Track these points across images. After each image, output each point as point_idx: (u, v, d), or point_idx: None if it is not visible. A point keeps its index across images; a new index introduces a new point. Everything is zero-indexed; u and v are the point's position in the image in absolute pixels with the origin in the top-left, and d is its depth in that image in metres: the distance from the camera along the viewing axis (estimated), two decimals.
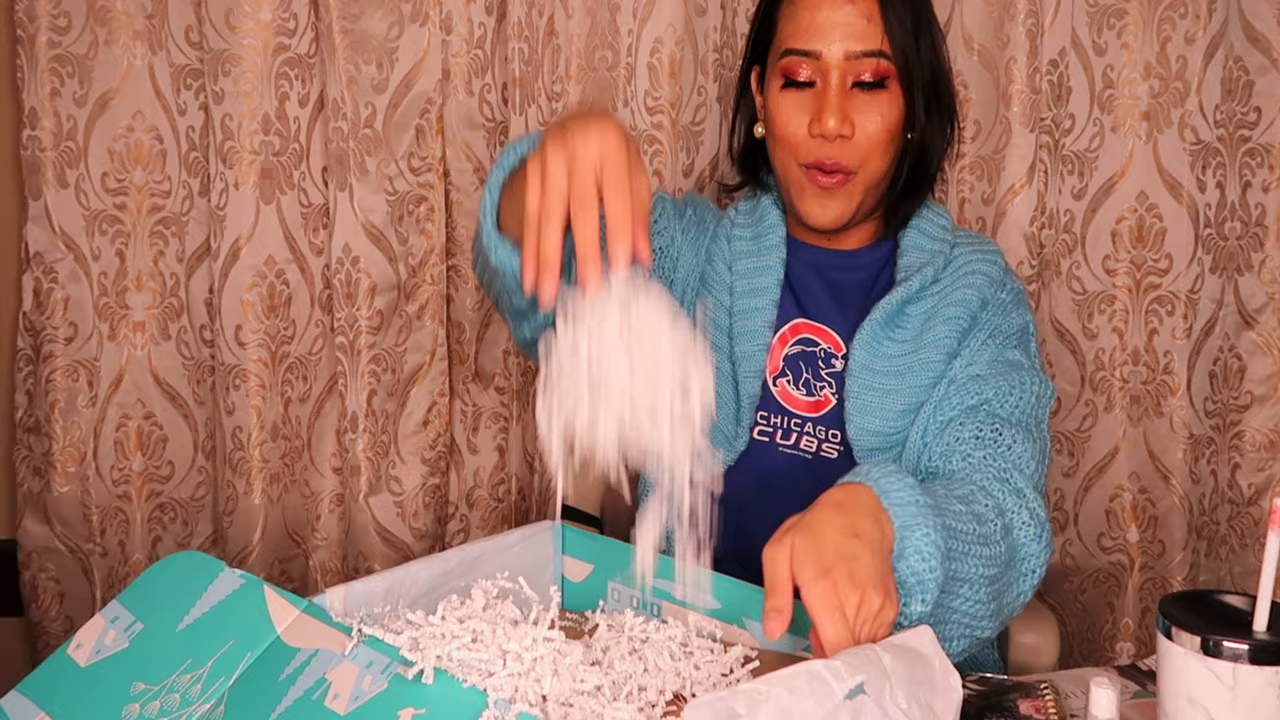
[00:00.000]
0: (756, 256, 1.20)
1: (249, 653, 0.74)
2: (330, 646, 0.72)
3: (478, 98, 1.50)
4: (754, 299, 1.18)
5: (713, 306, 1.19)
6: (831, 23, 1.10)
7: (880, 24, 1.10)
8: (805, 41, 1.11)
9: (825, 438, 1.15)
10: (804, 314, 1.19)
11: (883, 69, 1.10)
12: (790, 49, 1.12)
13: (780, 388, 1.17)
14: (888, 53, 1.10)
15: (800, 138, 1.12)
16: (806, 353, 1.18)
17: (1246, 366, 1.50)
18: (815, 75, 1.11)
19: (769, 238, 1.20)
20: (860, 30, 1.09)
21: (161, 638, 0.78)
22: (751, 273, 1.19)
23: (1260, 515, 1.49)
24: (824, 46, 1.10)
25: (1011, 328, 1.16)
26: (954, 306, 1.13)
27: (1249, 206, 1.48)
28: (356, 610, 0.83)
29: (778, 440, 1.16)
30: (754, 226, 1.22)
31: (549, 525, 0.98)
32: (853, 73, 1.10)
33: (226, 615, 0.78)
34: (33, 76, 1.43)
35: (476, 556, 0.89)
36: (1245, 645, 0.66)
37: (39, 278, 1.48)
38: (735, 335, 1.17)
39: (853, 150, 1.11)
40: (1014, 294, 1.19)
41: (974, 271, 1.16)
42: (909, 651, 0.71)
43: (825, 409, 1.15)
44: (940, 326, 1.13)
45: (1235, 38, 1.46)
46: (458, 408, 1.58)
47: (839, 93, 1.10)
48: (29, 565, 1.52)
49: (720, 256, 1.22)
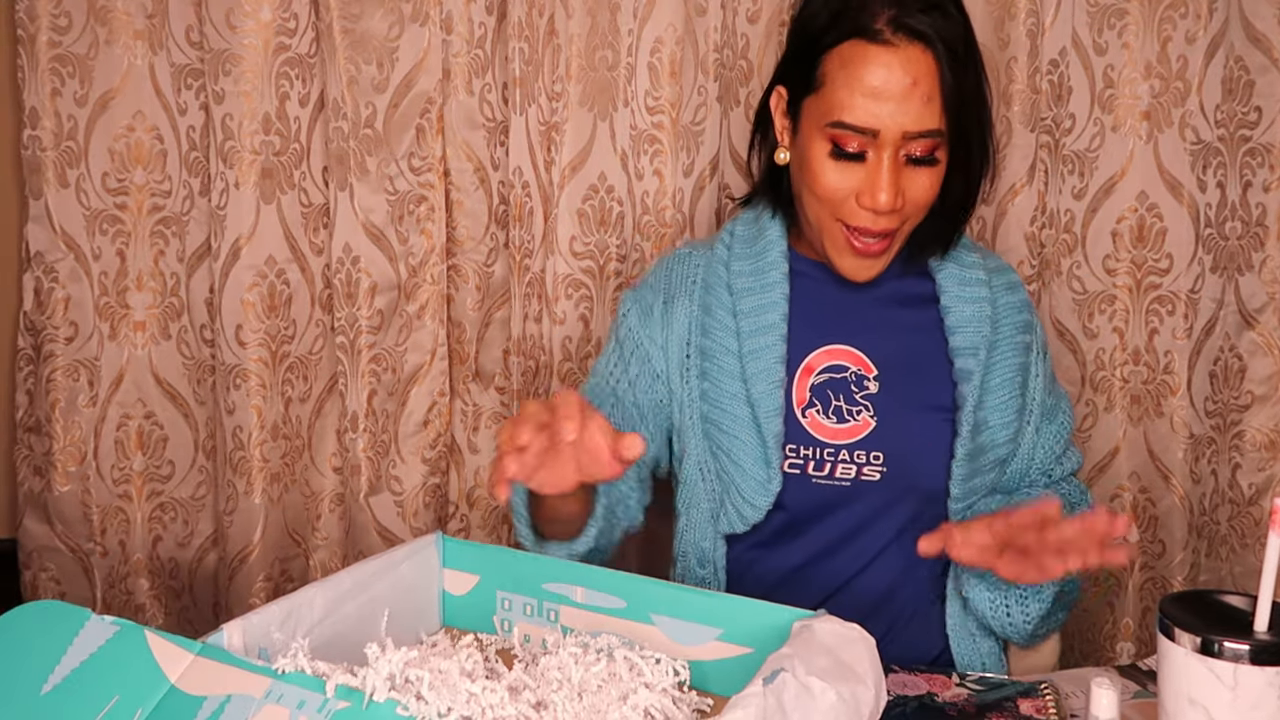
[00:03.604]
0: (760, 293, 1.15)
1: (140, 708, 0.64)
2: (245, 690, 0.63)
3: (478, 97, 1.50)
4: (761, 337, 1.13)
5: (721, 355, 1.14)
6: (893, 105, 1.03)
7: (939, 102, 1.04)
8: (863, 119, 1.04)
9: (866, 461, 1.12)
10: (825, 341, 1.15)
11: (937, 146, 1.06)
12: (844, 123, 1.05)
13: (810, 419, 1.13)
14: (944, 131, 1.05)
15: (846, 204, 1.07)
16: (835, 380, 1.14)
17: (1247, 366, 1.50)
18: (867, 148, 1.05)
19: (771, 274, 1.15)
20: (920, 112, 1.03)
21: (22, 703, 0.67)
22: (756, 310, 1.14)
23: (1260, 515, 1.49)
24: (882, 126, 1.04)
25: (1041, 344, 1.22)
26: (1010, 366, 1.15)
27: (1249, 206, 1.48)
28: (257, 643, 0.75)
29: (810, 472, 1.12)
30: (755, 260, 1.17)
31: (433, 538, 0.94)
32: (906, 149, 1.05)
33: (103, 668, 0.67)
34: (33, 76, 1.43)
35: (370, 574, 0.85)
36: (1246, 645, 0.66)
37: (40, 277, 1.48)
38: (748, 377, 1.12)
39: (899, 216, 1.08)
40: (1034, 314, 1.23)
41: (1016, 317, 1.18)
42: (828, 651, 0.73)
43: (863, 433, 1.12)
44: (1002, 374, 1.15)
45: (1236, 37, 1.45)
46: (458, 407, 1.58)
47: (892, 168, 1.05)
48: (29, 565, 1.52)
49: (719, 304, 1.16)
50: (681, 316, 1.18)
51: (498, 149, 1.52)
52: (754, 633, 0.82)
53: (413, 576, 0.91)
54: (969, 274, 1.16)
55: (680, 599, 0.85)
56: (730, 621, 0.83)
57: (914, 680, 0.94)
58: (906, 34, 1.02)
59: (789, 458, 1.12)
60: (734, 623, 0.83)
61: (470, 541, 0.94)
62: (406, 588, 0.90)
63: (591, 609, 0.88)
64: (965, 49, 1.06)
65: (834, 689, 0.68)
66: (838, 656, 0.72)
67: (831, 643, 0.73)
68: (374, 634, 0.86)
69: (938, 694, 0.92)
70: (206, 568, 1.59)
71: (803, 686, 0.67)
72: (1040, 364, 1.20)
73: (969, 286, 1.15)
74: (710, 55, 1.51)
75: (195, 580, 1.59)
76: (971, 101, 1.07)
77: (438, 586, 0.94)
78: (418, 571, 0.92)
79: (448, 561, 0.94)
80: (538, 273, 1.55)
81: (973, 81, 1.07)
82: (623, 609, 0.87)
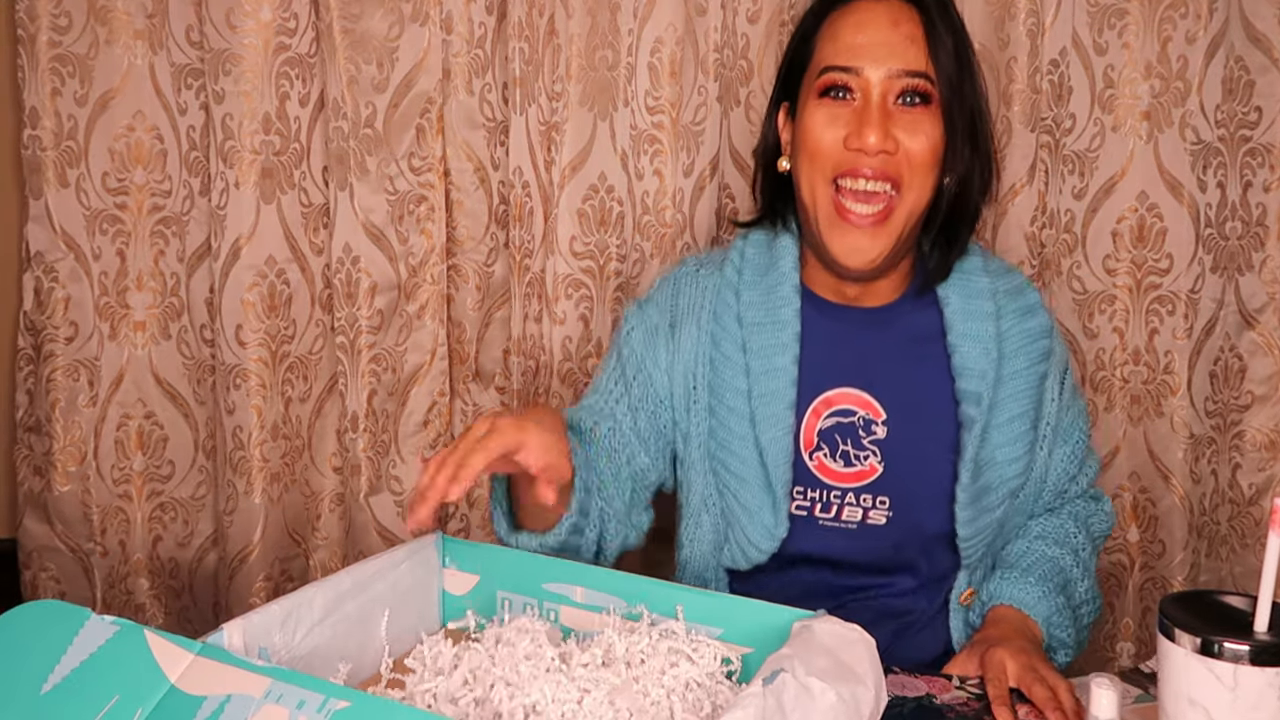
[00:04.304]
0: (771, 331, 1.12)
1: (140, 708, 0.64)
2: (245, 690, 0.63)
3: (478, 97, 1.50)
4: (771, 380, 1.10)
5: (729, 395, 1.12)
6: (876, 41, 1.05)
7: (924, 47, 1.05)
8: (847, 59, 1.06)
9: (872, 505, 1.11)
10: (835, 383, 1.12)
11: (925, 88, 1.05)
12: (830, 66, 1.07)
13: (817, 461, 1.11)
14: (931, 75, 1.05)
15: (835, 150, 1.06)
16: (843, 424, 1.11)
17: (1247, 366, 1.50)
18: (856, 90, 1.06)
19: (783, 310, 1.12)
20: (904, 50, 1.05)
21: (22, 703, 0.67)
22: (767, 350, 1.11)
23: (1261, 515, 1.49)
24: (866, 63, 1.05)
25: (1061, 364, 1.20)
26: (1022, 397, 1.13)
27: (1250, 206, 1.48)
28: (257, 643, 0.76)
29: (816, 514, 1.11)
30: (767, 293, 1.14)
31: (433, 538, 0.94)
32: (894, 90, 1.05)
33: (103, 668, 0.67)
34: (33, 76, 1.43)
35: (369, 576, 0.86)
36: (1246, 646, 0.66)
37: (40, 277, 1.48)
38: (757, 420, 1.10)
39: (895, 168, 1.05)
40: (1055, 337, 1.19)
41: (1031, 347, 1.14)
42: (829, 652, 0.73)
43: (870, 478, 1.11)
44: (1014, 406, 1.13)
45: (1236, 37, 1.45)
46: (458, 407, 1.58)
47: (880, 108, 1.05)
48: (29, 565, 1.52)
49: (729, 337, 1.13)
50: (688, 344, 1.15)
51: (498, 149, 1.52)
52: (754, 633, 0.82)
53: (413, 576, 0.91)
54: (976, 305, 1.13)
55: (680, 599, 0.85)
56: (730, 622, 0.83)
57: (913, 682, 0.94)
58: None
59: (795, 499, 1.11)
60: (734, 623, 0.83)
61: (470, 541, 0.94)
62: (406, 588, 0.90)
63: (592, 609, 0.88)
64: (948, 14, 1.08)
65: (834, 689, 0.68)
66: (837, 657, 0.72)
67: (831, 643, 0.73)
68: (374, 634, 0.86)
69: (936, 695, 0.92)
70: (206, 568, 1.59)
71: (802, 687, 0.67)
72: (1058, 387, 1.17)
73: (975, 321, 1.12)
74: (710, 55, 1.51)
75: (195, 580, 1.59)
76: (955, 57, 1.07)
77: (438, 586, 0.94)
78: (418, 571, 0.92)
79: (448, 561, 0.94)
80: (538, 273, 1.55)
81: (960, 42, 1.08)
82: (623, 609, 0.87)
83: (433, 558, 0.94)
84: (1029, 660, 0.94)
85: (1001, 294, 1.15)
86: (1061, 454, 1.18)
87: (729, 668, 0.81)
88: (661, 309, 1.18)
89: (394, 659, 0.87)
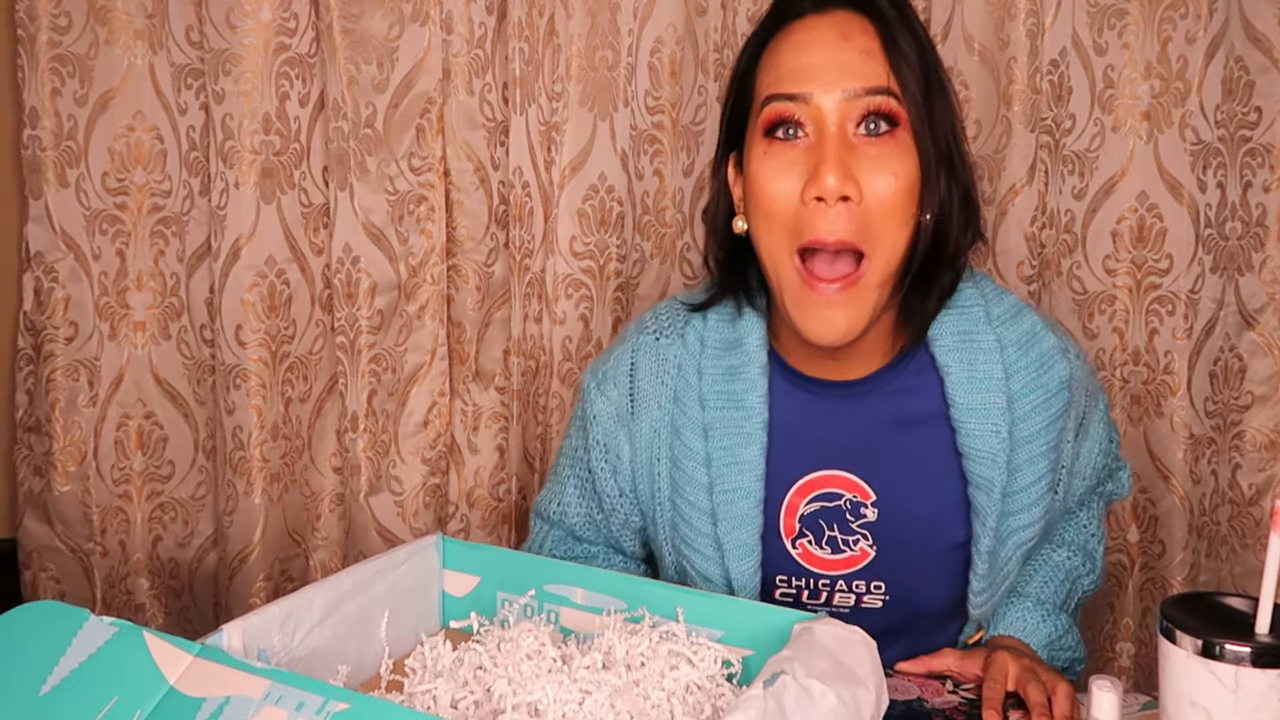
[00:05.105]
0: (736, 418, 0.98)
1: (139, 709, 0.64)
2: (244, 691, 0.62)
3: (478, 97, 1.50)
4: (736, 476, 0.97)
5: (691, 489, 0.99)
6: (824, 61, 0.88)
7: (883, 59, 0.88)
8: (792, 84, 0.88)
9: (866, 590, 1.00)
10: (814, 466, 0.99)
11: (890, 108, 0.87)
12: (772, 95, 0.89)
13: (801, 549, 0.99)
14: (895, 92, 0.87)
15: (790, 206, 0.88)
16: (828, 509, 0.99)
17: (1247, 367, 1.50)
18: (807, 123, 0.88)
19: (748, 397, 0.98)
20: (859, 67, 0.87)
21: (21, 704, 0.66)
22: (730, 440, 0.97)
23: (1261, 515, 1.49)
24: (815, 87, 0.87)
25: (1093, 414, 1.06)
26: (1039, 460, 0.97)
27: (1249, 206, 1.48)
28: (257, 644, 0.75)
29: (805, 600, 1.00)
30: (730, 377, 0.99)
31: (434, 539, 0.93)
32: (854, 116, 0.87)
33: (102, 670, 0.66)
34: (33, 76, 1.43)
35: (369, 577, 0.85)
36: (1247, 648, 0.66)
37: (39, 277, 1.47)
38: (720, 519, 0.98)
39: (861, 221, 0.87)
40: (1080, 385, 1.02)
41: (1045, 400, 0.97)
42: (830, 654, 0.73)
43: (862, 563, 0.99)
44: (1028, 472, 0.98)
45: (1236, 37, 1.45)
46: (458, 407, 1.58)
47: (838, 140, 0.87)
48: (29, 565, 1.52)
49: (690, 422, 0.99)
50: (648, 431, 1.03)
51: (498, 149, 1.52)
52: (754, 635, 0.82)
53: (413, 577, 0.91)
54: (982, 372, 0.96)
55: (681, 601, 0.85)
56: (731, 624, 0.83)
57: (905, 685, 0.94)
58: (832, 3, 0.91)
59: (780, 587, 1.01)
60: (735, 625, 0.83)
61: (471, 543, 0.94)
62: (407, 589, 0.90)
63: (592, 610, 0.88)
64: (908, 21, 0.91)
65: (834, 691, 0.68)
66: (838, 659, 0.72)
67: (832, 645, 0.73)
68: (374, 635, 0.86)
69: (928, 699, 0.92)
70: (206, 568, 1.59)
71: (803, 689, 0.67)
72: (1074, 430, 1.02)
73: (982, 392, 0.95)
74: (710, 55, 1.51)
75: (195, 580, 1.59)
76: (921, 67, 0.89)
77: (438, 587, 0.94)
78: (418, 572, 0.92)
79: (448, 563, 0.94)
80: (538, 273, 1.55)
81: (924, 53, 0.90)
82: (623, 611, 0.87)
83: (433, 559, 0.93)
84: (1030, 664, 0.92)
85: (1011, 347, 0.97)
86: (1069, 521, 1.11)
87: (729, 670, 0.81)
88: (620, 386, 1.05)
89: (394, 660, 0.87)
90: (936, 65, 0.92)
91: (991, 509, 0.95)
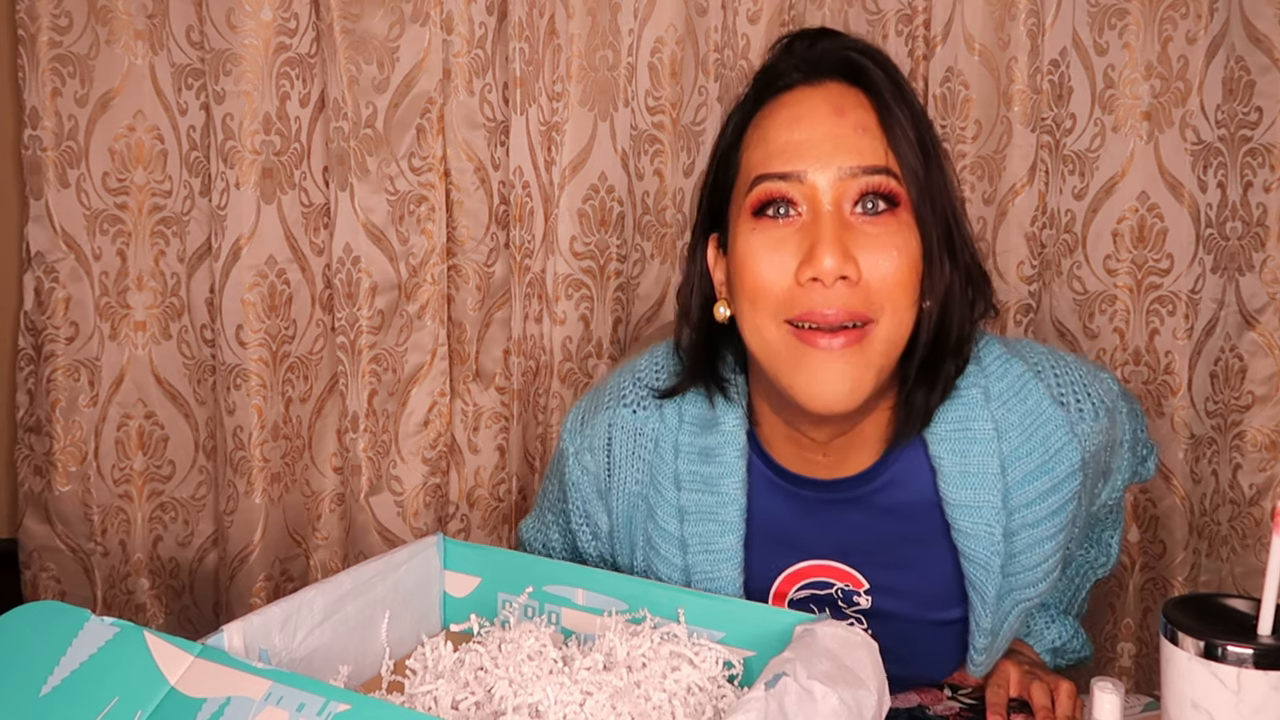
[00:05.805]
0: (712, 504, 0.92)
1: (139, 710, 0.63)
2: (245, 692, 0.62)
3: (478, 97, 1.50)
4: (713, 566, 0.92)
5: (666, 570, 0.95)
6: (818, 137, 0.82)
7: (880, 136, 0.82)
8: (783, 163, 0.82)
9: None
10: (802, 557, 0.94)
11: (889, 187, 0.81)
12: (763, 174, 0.82)
13: None
14: (894, 170, 0.81)
15: (782, 285, 0.81)
16: (819, 596, 0.94)
17: (1248, 367, 1.50)
18: (800, 202, 0.82)
19: (724, 483, 0.91)
20: (855, 143, 0.81)
21: (21, 704, 0.66)
22: (705, 528, 0.92)
23: (1261, 515, 1.49)
24: (809, 165, 0.81)
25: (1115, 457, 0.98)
26: (1044, 543, 0.90)
27: (1250, 206, 1.48)
28: (257, 644, 0.74)
29: None
30: (706, 460, 0.92)
31: (434, 540, 0.93)
32: (851, 195, 0.81)
33: (103, 670, 0.66)
34: (34, 76, 1.43)
35: (369, 577, 0.85)
36: (1249, 649, 0.66)
37: (40, 277, 1.47)
38: None
39: (863, 295, 0.80)
40: (1096, 458, 0.93)
41: (1049, 490, 0.89)
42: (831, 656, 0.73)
43: None
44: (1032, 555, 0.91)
45: (1236, 37, 1.45)
46: (458, 407, 1.58)
47: (834, 220, 0.80)
48: (30, 565, 1.52)
49: (665, 505, 0.94)
50: (625, 507, 0.98)
51: (498, 149, 1.52)
52: (756, 636, 0.82)
53: (413, 578, 0.91)
54: (975, 465, 0.88)
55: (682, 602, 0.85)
56: (732, 625, 0.83)
57: (905, 694, 0.94)
58: (823, 74, 0.85)
59: None
60: (736, 626, 0.83)
61: (471, 543, 0.94)
62: (407, 589, 0.90)
63: (593, 611, 0.88)
64: (903, 94, 0.85)
65: (836, 693, 0.68)
66: (840, 660, 0.72)
67: (834, 647, 0.73)
68: (374, 636, 0.86)
69: (929, 707, 0.92)
70: (207, 568, 1.59)
71: (804, 691, 0.67)
72: (1086, 499, 0.94)
73: (973, 489, 0.88)
74: (710, 55, 1.51)
75: (195, 580, 1.59)
76: (922, 145, 0.83)
77: (439, 588, 0.94)
78: (418, 573, 0.92)
79: (449, 563, 0.94)
80: (538, 273, 1.54)
81: (921, 127, 0.84)
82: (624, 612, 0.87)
83: (434, 560, 0.93)
84: (1033, 668, 0.93)
85: (1012, 432, 0.89)
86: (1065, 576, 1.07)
87: (731, 671, 0.81)
88: (598, 460, 0.99)
89: (395, 661, 0.87)
90: (933, 138, 0.86)
91: (990, 589, 0.89)
